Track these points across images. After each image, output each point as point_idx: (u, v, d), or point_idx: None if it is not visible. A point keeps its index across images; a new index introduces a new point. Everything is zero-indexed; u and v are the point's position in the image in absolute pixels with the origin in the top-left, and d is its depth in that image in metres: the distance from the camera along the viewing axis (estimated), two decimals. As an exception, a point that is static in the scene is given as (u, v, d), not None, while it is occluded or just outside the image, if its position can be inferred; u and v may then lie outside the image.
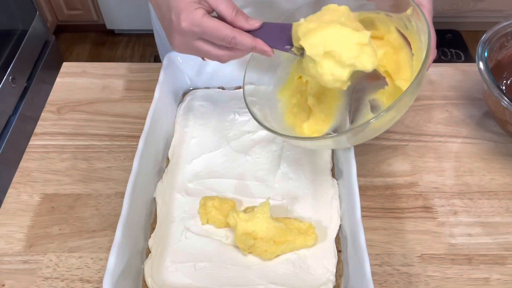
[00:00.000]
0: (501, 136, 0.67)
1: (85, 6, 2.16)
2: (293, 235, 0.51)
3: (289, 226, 0.51)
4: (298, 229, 0.51)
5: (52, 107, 0.71)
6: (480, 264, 0.54)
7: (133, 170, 0.53)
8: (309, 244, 0.51)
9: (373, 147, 0.66)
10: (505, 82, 0.69)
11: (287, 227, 0.51)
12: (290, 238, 0.50)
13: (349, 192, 0.53)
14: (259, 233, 0.50)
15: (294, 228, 0.51)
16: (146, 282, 0.49)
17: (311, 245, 0.51)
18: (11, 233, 0.56)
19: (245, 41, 0.52)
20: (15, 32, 1.54)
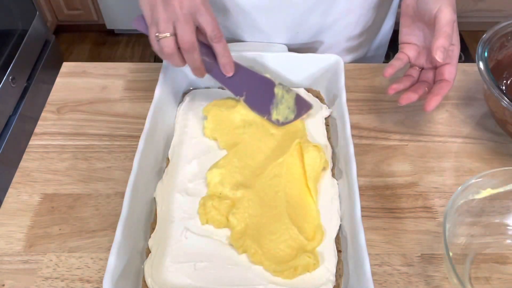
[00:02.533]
0: (501, 136, 0.67)
1: (85, 6, 2.16)
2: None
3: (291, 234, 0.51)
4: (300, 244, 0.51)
5: (52, 107, 0.71)
6: (481, 263, 0.54)
7: (133, 170, 0.53)
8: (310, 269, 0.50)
9: (373, 147, 0.66)
10: (505, 82, 0.69)
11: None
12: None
13: (349, 192, 0.53)
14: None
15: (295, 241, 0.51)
16: (146, 282, 0.49)
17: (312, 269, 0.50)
18: (11, 233, 0.56)
19: (226, 51, 0.57)
20: (15, 32, 1.54)
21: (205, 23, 0.54)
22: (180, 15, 0.52)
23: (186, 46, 0.54)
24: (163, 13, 0.53)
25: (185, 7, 0.52)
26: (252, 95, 0.60)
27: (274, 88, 0.61)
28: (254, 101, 0.60)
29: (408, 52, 0.63)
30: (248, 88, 0.60)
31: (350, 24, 0.76)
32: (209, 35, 0.55)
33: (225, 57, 0.57)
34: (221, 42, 0.56)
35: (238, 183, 0.55)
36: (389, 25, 0.85)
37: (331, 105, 0.66)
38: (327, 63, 0.67)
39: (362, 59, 0.85)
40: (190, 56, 0.55)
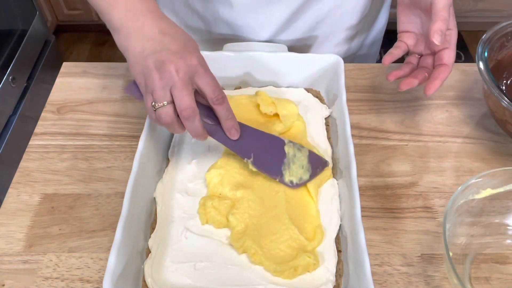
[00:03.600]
0: (501, 136, 0.67)
1: (85, 6, 2.15)
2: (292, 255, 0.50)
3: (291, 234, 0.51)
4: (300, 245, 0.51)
5: (52, 107, 0.71)
6: (481, 263, 0.54)
7: (133, 170, 0.53)
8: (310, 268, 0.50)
9: (373, 147, 0.66)
10: (505, 82, 0.69)
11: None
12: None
13: (349, 192, 0.53)
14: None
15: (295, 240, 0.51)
16: (146, 282, 0.49)
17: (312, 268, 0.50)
18: (11, 233, 0.56)
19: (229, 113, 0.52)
20: (15, 32, 1.54)
21: (204, 85, 0.50)
22: (177, 81, 0.48)
23: (185, 113, 0.49)
24: (159, 80, 0.48)
25: (181, 71, 0.48)
26: (261, 156, 0.55)
27: (284, 146, 0.56)
28: (264, 162, 0.55)
29: (407, 40, 0.64)
30: (256, 149, 0.55)
31: (346, 13, 0.76)
32: (209, 97, 0.51)
33: (229, 120, 0.53)
34: (223, 104, 0.52)
35: (237, 183, 0.55)
36: (382, 21, 0.85)
37: (331, 105, 0.66)
38: (327, 63, 0.67)
39: (356, 56, 0.85)
40: (191, 124, 0.50)
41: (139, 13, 0.52)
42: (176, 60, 0.49)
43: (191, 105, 0.49)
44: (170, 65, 0.48)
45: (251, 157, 0.55)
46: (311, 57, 0.68)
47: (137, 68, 0.51)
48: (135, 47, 0.51)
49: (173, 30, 0.52)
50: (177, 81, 0.48)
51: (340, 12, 0.75)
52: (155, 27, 0.51)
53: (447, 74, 0.59)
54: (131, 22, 0.52)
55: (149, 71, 0.49)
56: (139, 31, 0.51)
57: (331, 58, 0.66)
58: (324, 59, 0.67)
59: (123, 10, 0.52)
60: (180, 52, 0.50)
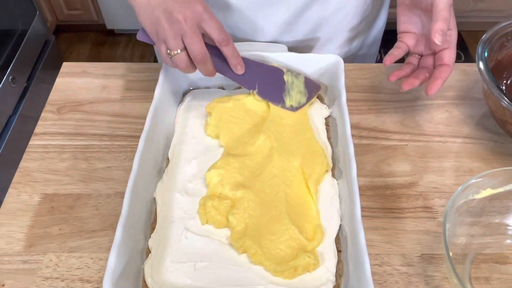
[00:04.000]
0: (501, 136, 0.67)
1: (85, 6, 2.16)
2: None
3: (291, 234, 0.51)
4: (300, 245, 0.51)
5: (52, 107, 0.71)
6: (481, 263, 0.54)
7: (133, 170, 0.53)
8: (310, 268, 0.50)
9: (373, 147, 0.66)
10: (505, 82, 0.69)
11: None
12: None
13: (349, 192, 0.53)
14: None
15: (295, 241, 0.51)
16: (146, 282, 0.49)
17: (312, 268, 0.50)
18: (11, 233, 0.56)
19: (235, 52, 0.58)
20: (15, 32, 1.54)
21: (211, 29, 0.55)
22: (187, 29, 0.53)
23: (198, 58, 0.55)
24: (169, 30, 0.53)
25: (189, 19, 0.53)
26: (264, 87, 0.62)
27: (284, 75, 0.63)
28: (267, 92, 0.62)
29: (407, 41, 0.64)
30: (259, 81, 0.62)
31: (348, 14, 0.76)
32: (216, 40, 0.56)
33: (234, 57, 0.59)
34: (229, 45, 0.57)
35: (237, 183, 0.55)
36: (382, 21, 0.85)
37: (331, 105, 0.66)
38: (327, 63, 0.67)
39: (356, 56, 0.85)
40: (204, 66, 0.57)
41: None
42: (182, 10, 0.53)
43: (203, 50, 0.54)
44: (178, 14, 0.53)
45: (256, 88, 0.61)
46: (311, 57, 0.68)
47: (146, 19, 0.55)
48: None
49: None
50: (187, 29, 0.53)
51: (342, 14, 0.75)
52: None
53: (448, 74, 0.60)
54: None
55: (159, 22, 0.53)
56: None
57: (331, 58, 0.66)
58: (324, 59, 0.67)
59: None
60: (186, 1, 0.54)
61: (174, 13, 0.53)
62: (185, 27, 0.53)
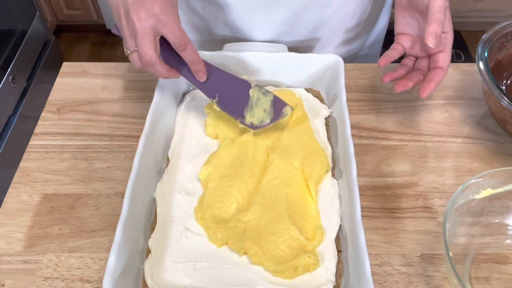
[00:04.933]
0: (501, 136, 0.67)
1: (85, 6, 2.16)
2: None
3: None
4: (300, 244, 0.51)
5: (52, 107, 0.71)
6: (481, 263, 0.54)
7: (133, 170, 0.53)
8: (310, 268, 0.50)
9: (373, 147, 0.66)
10: (505, 82, 0.69)
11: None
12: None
13: (349, 192, 0.53)
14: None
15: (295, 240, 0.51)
16: (146, 282, 0.49)
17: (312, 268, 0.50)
18: (11, 233, 0.56)
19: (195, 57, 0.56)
20: (15, 32, 1.54)
21: (167, 33, 0.53)
22: (138, 29, 0.51)
23: (144, 61, 0.53)
24: (126, 28, 0.53)
25: (142, 20, 0.51)
26: (225, 98, 0.59)
27: (250, 90, 0.59)
28: (228, 103, 0.58)
29: (403, 42, 0.64)
30: (222, 90, 0.59)
31: (348, 15, 0.76)
32: (173, 44, 0.54)
33: (195, 63, 0.57)
34: (186, 50, 0.55)
35: (225, 175, 0.56)
36: (383, 22, 0.85)
37: (331, 105, 0.66)
38: (327, 63, 0.67)
39: (356, 56, 0.85)
40: (152, 69, 0.54)
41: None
42: (137, 9, 0.51)
43: (148, 52, 0.52)
44: (133, 14, 0.51)
45: (216, 97, 0.58)
46: (311, 57, 0.68)
47: (114, 13, 0.54)
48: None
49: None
50: (138, 30, 0.51)
51: (341, 15, 0.75)
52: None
53: (442, 77, 0.59)
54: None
55: (119, 19, 0.53)
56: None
57: (331, 58, 0.66)
58: (324, 59, 0.67)
59: None
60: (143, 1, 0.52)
61: (130, 11, 0.52)
62: (137, 27, 0.51)
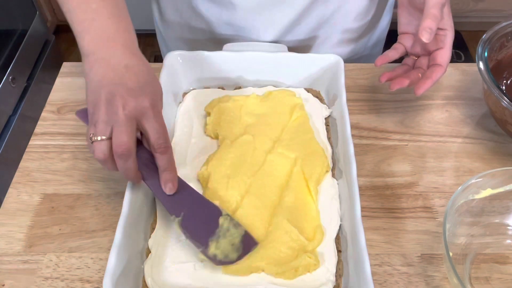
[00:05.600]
0: (501, 136, 0.67)
1: (85, 6, 2.15)
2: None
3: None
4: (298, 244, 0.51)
5: (52, 107, 0.71)
6: (481, 263, 0.54)
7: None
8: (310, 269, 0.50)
9: (373, 147, 0.66)
10: (505, 82, 0.69)
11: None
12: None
13: (349, 192, 0.53)
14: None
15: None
16: (146, 282, 0.49)
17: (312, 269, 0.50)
18: (11, 233, 0.56)
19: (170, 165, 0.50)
20: (15, 32, 1.54)
21: (149, 128, 0.48)
22: (121, 116, 0.46)
23: (119, 150, 0.46)
24: (104, 114, 0.47)
25: (128, 109, 0.46)
26: (190, 219, 0.50)
27: (220, 217, 0.51)
28: (192, 227, 0.50)
29: (405, 42, 0.64)
30: (188, 210, 0.51)
31: (348, 12, 0.76)
32: (152, 143, 0.48)
33: (167, 172, 0.50)
34: (165, 154, 0.49)
35: (224, 175, 0.56)
36: (385, 21, 0.85)
37: (331, 105, 0.66)
38: (327, 63, 0.67)
39: (361, 57, 0.85)
40: (123, 163, 0.47)
41: (112, 43, 0.50)
42: (126, 97, 0.47)
43: (127, 143, 0.46)
44: (119, 100, 0.46)
45: (180, 216, 0.50)
46: (311, 57, 0.68)
47: (90, 96, 0.49)
48: (95, 75, 0.49)
49: (139, 68, 0.50)
50: (120, 117, 0.46)
51: (342, 13, 0.75)
52: (122, 61, 0.49)
53: (440, 74, 0.59)
54: (101, 50, 0.50)
55: (98, 102, 0.47)
56: (106, 60, 0.49)
57: (331, 58, 0.66)
58: (324, 59, 0.67)
59: (96, 36, 0.50)
60: (135, 90, 0.48)
61: (116, 97, 0.46)
62: (120, 114, 0.46)
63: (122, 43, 0.51)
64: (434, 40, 0.60)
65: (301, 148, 0.59)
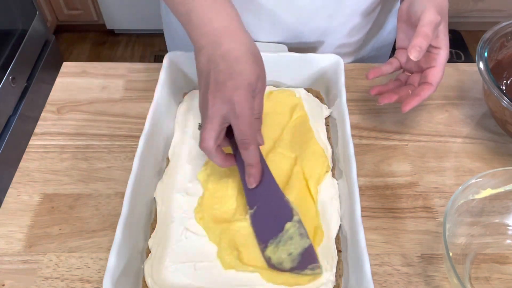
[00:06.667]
0: (501, 136, 0.67)
1: (85, 6, 2.16)
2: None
3: None
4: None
5: (52, 107, 0.71)
6: (481, 263, 0.54)
7: (133, 170, 0.53)
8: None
9: (373, 147, 0.66)
10: (505, 82, 0.69)
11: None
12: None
13: (349, 192, 0.53)
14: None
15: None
16: (146, 282, 0.49)
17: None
18: (11, 233, 0.56)
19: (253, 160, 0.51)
20: (15, 32, 1.54)
21: (235, 125, 0.50)
22: (209, 114, 0.50)
23: (201, 146, 0.51)
24: (201, 105, 0.52)
25: (215, 106, 0.49)
26: (260, 216, 0.51)
27: (288, 222, 0.51)
28: (259, 223, 0.51)
29: (400, 57, 0.64)
30: (261, 205, 0.52)
31: (355, 27, 0.76)
32: (236, 139, 0.51)
33: (250, 166, 0.52)
34: (248, 150, 0.50)
35: (224, 175, 0.55)
36: (391, 26, 0.84)
37: (331, 105, 0.66)
38: (327, 63, 0.67)
39: (363, 59, 0.85)
40: (208, 155, 0.52)
41: (211, 28, 0.52)
42: (214, 93, 0.49)
43: (207, 140, 0.50)
44: (210, 95, 0.50)
45: (254, 209, 0.52)
46: (311, 57, 0.68)
47: (198, 84, 0.53)
48: (199, 63, 0.53)
49: (235, 54, 0.51)
50: (208, 114, 0.50)
51: (348, 27, 0.75)
52: (220, 48, 0.51)
53: (429, 93, 0.59)
54: (202, 38, 0.52)
55: (200, 94, 0.52)
56: (206, 49, 0.52)
57: (331, 58, 0.66)
58: (324, 59, 0.67)
59: (197, 25, 0.53)
60: (224, 84, 0.49)
61: (208, 92, 0.50)
62: (209, 113, 0.50)
63: (222, 25, 0.52)
64: (427, 58, 0.60)
65: (301, 148, 0.59)
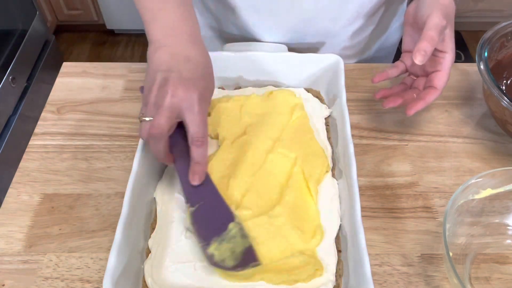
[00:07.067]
0: (501, 136, 0.67)
1: (85, 6, 2.16)
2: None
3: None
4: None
5: (52, 107, 0.71)
6: (481, 263, 0.54)
7: (133, 170, 0.53)
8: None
9: (373, 147, 0.66)
10: (505, 82, 0.69)
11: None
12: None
13: (349, 192, 0.53)
14: None
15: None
16: (146, 282, 0.49)
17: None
18: (11, 233, 0.56)
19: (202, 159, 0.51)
20: (15, 32, 1.54)
21: (190, 121, 0.49)
22: (167, 102, 0.48)
23: (152, 131, 0.48)
24: (154, 96, 0.49)
25: (176, 96, 0.48)
26: (202, 214, 0.51)
27: (231, 223, 0.51)
28: (202, 221, 0.51)
29: (406, 61, 0.63)
30: (203, 205, 0.52)
31: (357, 30, 0.76)
32: (190, 135, 0.50)
33: (198, 164, 0.51)
34: (200, 148, 0.50)
35: (224, 175, 0.56)
36: (396, 26, 0.84)
37: (331, 105, 0.66)
38: (327, 63, 0.67)
39: (367, 61, 0.85)
40: (154, 144, 0.50)
41: (177, 32, 0.53)
42: (177, 86, 0.49)
43: (161, 126, 0.48)
44: (171, 87, 0.48)
45: (195, 207, 0.51)
46: (311, 57, 0.68)
47: (147, 78, 0.51)
48: (157, 59, 0.51)
49: (198, 61, 0.52)
50: (166, 102, 0.48)
51: (351, 29, 0.75)
52: (183, 51, 0.52)
53: (434, 97, 0.59)
54: (166, 39, 0.52)
55: (152, 85, 0.50)
56: (168, 48, 0.52)
57: (331, 58, 0.66)
58: (324, 59, 0.67)
59: (162, 25, 0.53)
60: (188, 81, 0.49)
61: (169, 84, 0.49)
62: (167, 101, 0.48)
63: (186, 33, 0.53)
64: (432, 61, 0.60)
65: (301, 148, 0.59)
